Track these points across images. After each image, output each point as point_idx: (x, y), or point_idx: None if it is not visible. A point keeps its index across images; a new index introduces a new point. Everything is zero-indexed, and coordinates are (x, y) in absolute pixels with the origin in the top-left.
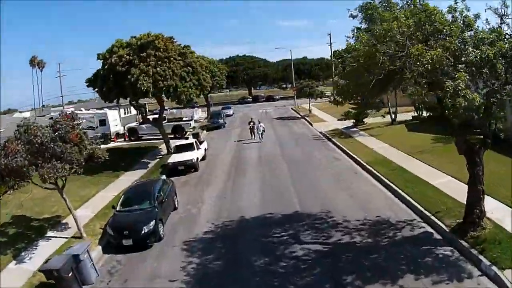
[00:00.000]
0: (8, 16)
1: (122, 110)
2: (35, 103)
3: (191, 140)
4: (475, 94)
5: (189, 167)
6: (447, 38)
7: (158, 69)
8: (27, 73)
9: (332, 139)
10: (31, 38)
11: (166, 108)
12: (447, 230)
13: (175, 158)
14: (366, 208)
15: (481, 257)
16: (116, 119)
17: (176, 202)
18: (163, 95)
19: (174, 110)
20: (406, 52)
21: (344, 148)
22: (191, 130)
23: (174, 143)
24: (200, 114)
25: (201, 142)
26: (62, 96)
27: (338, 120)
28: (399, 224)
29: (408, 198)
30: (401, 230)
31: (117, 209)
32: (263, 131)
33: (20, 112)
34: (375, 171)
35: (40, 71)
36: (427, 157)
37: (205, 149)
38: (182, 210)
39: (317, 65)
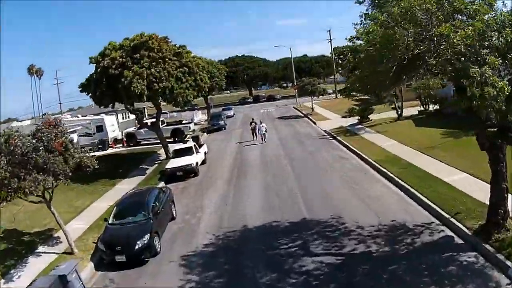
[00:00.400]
0: (8, 16)
1: (120, 115)
2: (36, 111)
3: (189, 143)
4: (504, 81)
5: (188, 173)
6: (470, 19)
7: (152, 70)
8: (27, 80)
9: (337, 137)
10: (31, 39)
11: (166, 111)
12: (469, 233)
13: (173, 163)
14: (379, 212)
15: (508, 262)
16: (114, 124)
17: (173, 211)
18: (159, 98)
19: (175, 113)
20: (431, 33)
21: (351, 147)
22: (190, 133)
23: (173, 147)
24: (200, 116)
25: (200, 145)
26: (60, 103)
27: (342, 117)
28: (417, 229)
29: (423, 198)
30: (419, 236)
31: (109, 221)
32: (265, 131)
33: (20, 121)
34: (385, 170)
35: (39, 79)
36: (439, 153)
37: (205, 153)
38: (180, 220)
39: (317, 63)
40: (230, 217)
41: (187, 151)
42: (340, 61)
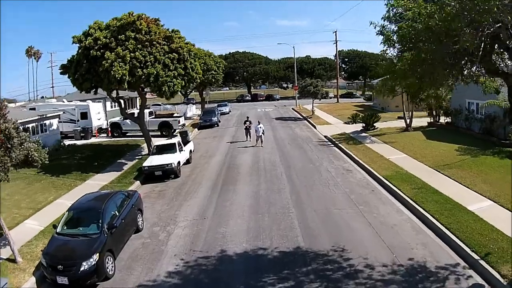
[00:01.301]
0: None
1: (108, 103)
2: (33, 94)
3: (173, 140)
4: None
5: (168, 173)
6: None
7: (136, 53)
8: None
9: (340, 144)
10: (33, 21)
11: (159, 103)
12: (504, 283)
13: (153, 161)
14: (392, 245)
15: None
16: (100, 112)
17: (140, 221)
18: (143, 85)
19: (168, 106)
20: None
21: (355, 157)
22: (179, 127)
23: (156, 142)
24: (194, 111)
25: (186, 142)
26: (52, 87)
27: (345, 123)
28: (440, 272)
29: (445, 230)
30: (444, 283)
31: (58, 230)
32: (263, 133)
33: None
34: (397, 190)
35: (36, 61)
36: (457, 173)
37: (190, 151)
38: (147, 234)
39: (320, 65)
40: (206, 236)
41: (170, 148)
42: (344, 65)
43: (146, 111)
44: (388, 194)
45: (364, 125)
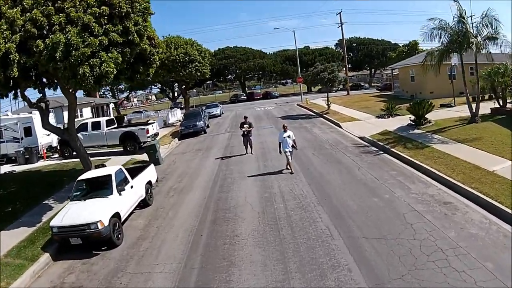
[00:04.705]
0: None
1: (65, 113)
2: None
3: (109, 169)
4: None
5: (93, 241)
6: None
7: (34, 12)
8: None
9: (393, 150)
10: None
11: (141, 110)
12: None
13: (68, 215)
14: None
15: None
16: None
17: None
18: (49, 69)
19: (152, 113)
20: None
21: (439, 173)
22: (149, 139)
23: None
24: (178, 116)
25: (142, 168)
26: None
27: (377, 117)
28: None
29: None
30: None
31: None
32: (294, 146)
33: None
34: None
35: None
36: None
37: (149, 184)
38: None
39: (321, 56)
40: None
41: (101, 187)
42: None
43: (103, 119)
44: None
45: (413, 118)
